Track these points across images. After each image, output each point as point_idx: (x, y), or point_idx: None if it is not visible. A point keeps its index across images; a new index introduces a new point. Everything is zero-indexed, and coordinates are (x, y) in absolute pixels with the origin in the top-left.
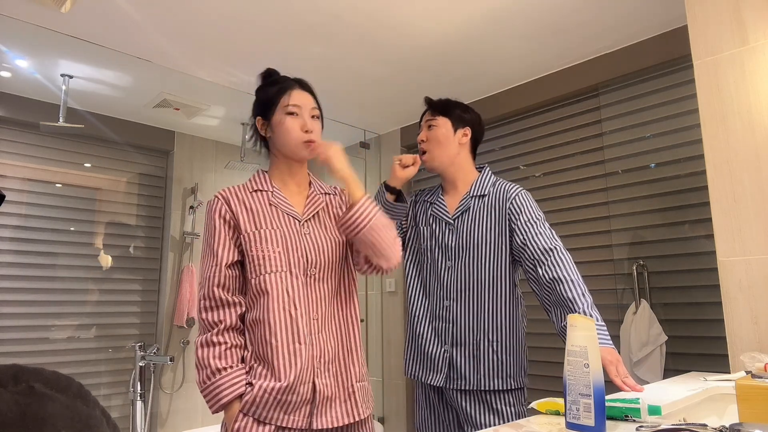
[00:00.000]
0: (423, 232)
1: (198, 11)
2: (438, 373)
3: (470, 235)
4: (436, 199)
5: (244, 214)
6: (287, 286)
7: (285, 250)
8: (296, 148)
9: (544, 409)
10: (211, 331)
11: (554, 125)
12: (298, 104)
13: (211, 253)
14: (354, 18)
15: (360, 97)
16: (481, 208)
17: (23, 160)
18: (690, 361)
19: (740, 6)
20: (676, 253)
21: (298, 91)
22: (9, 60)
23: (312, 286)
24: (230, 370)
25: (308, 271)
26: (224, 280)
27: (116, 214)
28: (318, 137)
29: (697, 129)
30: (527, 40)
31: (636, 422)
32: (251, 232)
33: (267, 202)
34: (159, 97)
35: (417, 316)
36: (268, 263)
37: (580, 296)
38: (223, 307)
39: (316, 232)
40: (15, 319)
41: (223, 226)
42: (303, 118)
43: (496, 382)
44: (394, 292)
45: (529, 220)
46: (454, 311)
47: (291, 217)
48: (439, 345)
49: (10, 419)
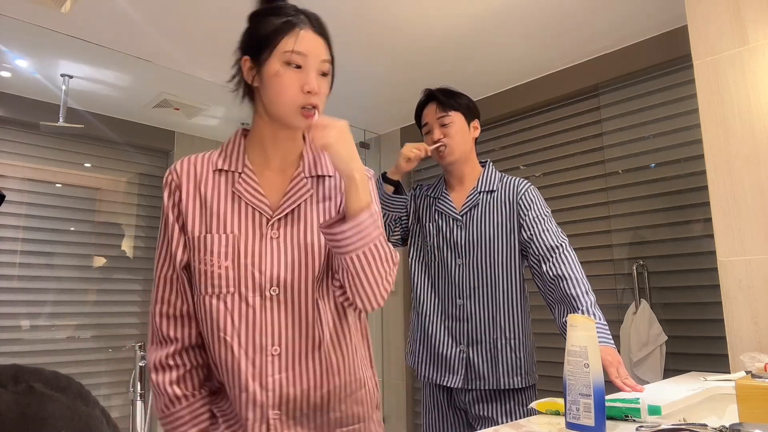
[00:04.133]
0: (428, 229)
1: (198, 11)
2: (454, 374)
3: (481, 231)
4: (440, 194)
5: (196, 208)
6: (233, 312)
7: (235, 265)
8: (289, 114)
9: (544, 409)
10: (165, 348)
11: (554, 125)
12: (305, 53)
13: (166, 248)
14: (354, 18)
15: (360, 97)
16: (490, 204)
17: (23, 160)
18: (690, 361)
19: (740, 6)
20: (676, 253)
21: (308, 32)
22: (9, 60)
23: (273, 311)
24: (191, 399)
25: (266, 292)
26: (181, 284)
27: (116, 214)
28: (323, 102)
29: (697, 129)
30: (527, 40)
31: (636, 422)
32: (197, 236)
33: (229, 191)
34: (159, 97)
35: (427, 316)
36: (210, 281)
37: (584, 294)
38: (181, 318)
39: (288, 235)
40: (15, 319)
41: (176, 215)
42: (307, 74)
43: (515, 380)
44: (394, 292)
45: (537, 216)
46: (468, 309)
47: (258, 212)
48: (454, 345)
49: (10, 419)
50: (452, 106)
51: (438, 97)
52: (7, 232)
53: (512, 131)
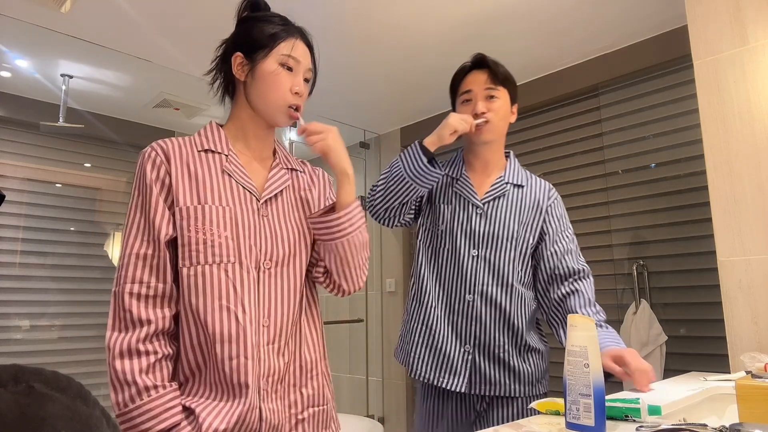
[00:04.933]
0: (442, 211)
1: (198, 11)
2: (456, 376)
3: (505, 224)
4: (459, 174)
5: (186, 180)
6: (235, 281)
7: (234, 235)
8: (277, 111)
9: (544, 409)
10: (133, 332)
11: (554, 125)
12: (298, 59)
13: (146, 223)
14: (354, 18)
15: (360, 97)
16: (518, 198)
17: (23, 160)
18: (690, 361)
19: (740, 6)
20: (676, 253)
21: (300, 42)
22: (9, 60)
23: (265, 284)
24: (162, 390)
25: (261, 264)
26: (161, 261)
27: (116, 214)
28: (303, 103)
29: (697, 129)
30: (527, 40)
31: (636, 422)
32: (191, 207)
33: (219, 169)
34: (159, 97)
35: (430, 309)
36: (211, 250)
37: (592, 314)
38: (157, 299)
39: (276, 216)
40: (15, 319)
41: (159, 188)
42: (297, 77)
43: (525, 388)
44: (394, 292)
45: (564, 231)
46: (478, 308)
47: (248, 192)
48: (458, 344)
49: (10, 419)
50: (503, 81)
51: (491, 65)
52: (7, 232)
53: (512, 131)
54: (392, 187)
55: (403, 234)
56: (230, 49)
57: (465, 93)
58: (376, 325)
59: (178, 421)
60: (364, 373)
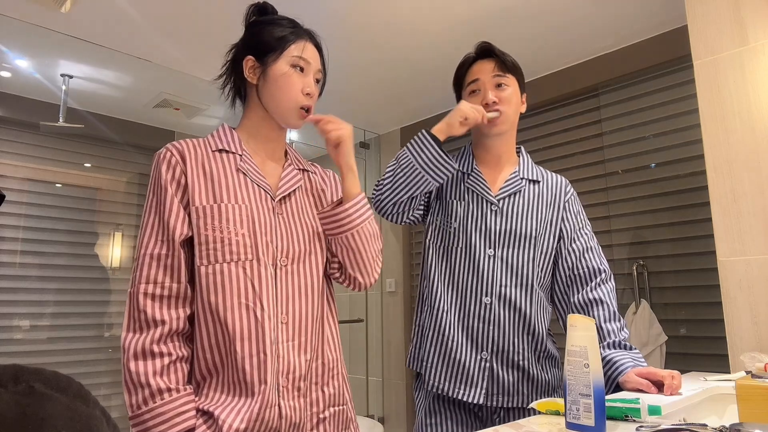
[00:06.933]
0: (454, 208)
1: (198, 11)
2: (473, 386)
3: (523, 222)
4: (471, 169)
5: (201, 179)
6: (253, 278)
7: (251, 233)
8: (289, 112)
9: (544, 409)
10: (148, 333)
11: (554, 125)
12: (309, 60)
13: (160, 223)
14: (354, 18)
15: (360, 97)
16: (535, 194)
17: (23, 160)
18: (690, 361)
19: (740, 6)
20: (676, 253)
21: (310, 44)
22: (9, 60)
23: (282, 281)
24: (176, 394)
25: (278, 261)
26: (176, 261)
27: (116, 214)
28: (314, 104)
29: (697, 129)
30: (527, 40)
31: (636, 422)
32: (207, 206)
33: (234, 168)
34: (159, 97)
35: (442, 314)
36: (228, 248)
37: (616, 331)
38: (172, 299)
39: (291, 214)
40: (15, 319)
41: (175, 188)
42: (308, 78)
43: (545, 398)
44: (394, 292)
45: (583, 227)
46: (496, 311)
47: (263, 190)
48: (474, 352)
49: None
50: (511, 69)
51: (497, 53)
52: (7, 232)
53: None
54: (401, 179)
55: (403, 234)
56: (241, 53)
57: (472, 83)
58: (376, 325)
59: (190, 426)
60: (364, 373)
